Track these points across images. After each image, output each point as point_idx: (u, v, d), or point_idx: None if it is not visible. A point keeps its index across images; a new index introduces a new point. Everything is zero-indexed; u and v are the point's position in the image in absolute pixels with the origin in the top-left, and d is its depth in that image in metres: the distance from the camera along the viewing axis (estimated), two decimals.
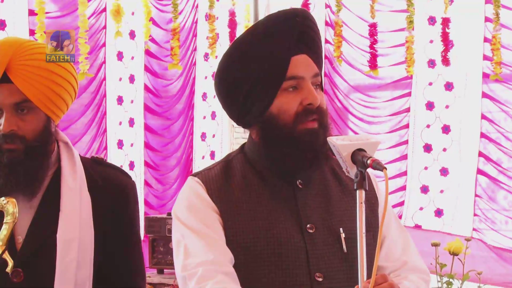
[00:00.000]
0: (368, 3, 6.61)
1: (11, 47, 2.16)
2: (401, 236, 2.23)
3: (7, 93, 2.14)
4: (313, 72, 2.09)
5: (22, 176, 2.17)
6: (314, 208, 2.10)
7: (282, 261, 2.05)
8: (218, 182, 2.15)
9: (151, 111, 6.78)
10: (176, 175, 7.06)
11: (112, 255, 2.28)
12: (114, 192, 2.31)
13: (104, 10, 6.09)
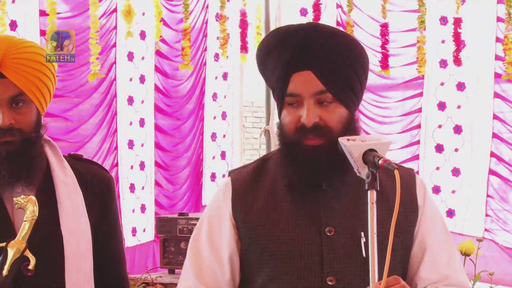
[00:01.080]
0: (380, 3, 6.60)
1: (2, 43, 2.19)
2: (446, 249, 2.17)
3: (3, 88, 2.17)
4: (315, 90, 2.05)
5: (23, 166, 2.20)
6: (337, 211, 2.09)
7: (295, 264, 2.06)
8: (246, 182, 2.18)
9: (162, 111, 6.80)
10: (186, 175, 7.08)
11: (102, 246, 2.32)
12: (101, 186, 2.37)
13: (115, 10, 6.11)
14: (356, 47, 2.15)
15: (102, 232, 2.33)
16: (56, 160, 2.30)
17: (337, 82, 2.08)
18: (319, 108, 2.05)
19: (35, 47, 2.28)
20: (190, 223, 5.35)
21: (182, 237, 5.33)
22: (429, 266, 2.13)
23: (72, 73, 5.79)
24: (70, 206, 2.25)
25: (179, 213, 5.78)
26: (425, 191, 2.21)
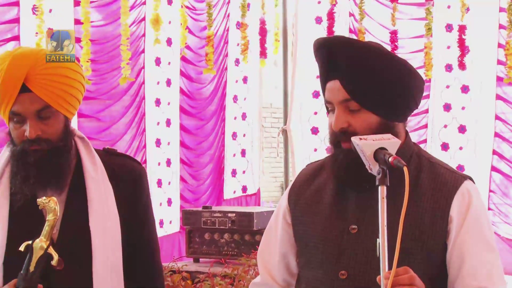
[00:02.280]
0: (389, 12, 6.62)
1: (27, 59, 2.15)
2: (489, 260, 2.05)
3: (29, 102, 2.12)
4: (341, 98, 2.04)
5: (50, 174, 2.17)
6: (366, 211, 2.05)
7: (319, 256, 2.09)
8: (307, 175, 2.25)
9: (186, 112, 6.82)
10: (209, 171, 7.10)
11: (133, 237, 2.29)
12: (131, 179, 2.33)
13: (144, 19, 6.13)
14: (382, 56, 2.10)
15: (133, 223, 2.30)
16: (87, 157, 2.27)
17: (363, 91, 2.05)
18: (349, 114, 2.04)
19: None
20: (213, 215, 5.36)
21: (206, 228, 5.34)
22: (467, 276, 2.02)
23: (105, 77, 5.82)
24: (99, 201, 2.22)
25: (203, 206, 5.79)
26: (470, 202, 2.08)
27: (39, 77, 2.12)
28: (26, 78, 2.11)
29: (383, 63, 2.09)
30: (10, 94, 2.10)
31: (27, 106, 2.13)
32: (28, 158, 2.14)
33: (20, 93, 2.11)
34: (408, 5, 6.79)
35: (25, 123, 2.14)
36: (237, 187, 7.40)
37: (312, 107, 7.09)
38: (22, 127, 2.14)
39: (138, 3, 6.05)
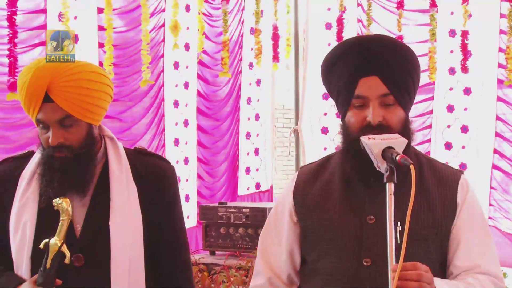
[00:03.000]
0: (396, 18, 6.62)
1: (48, 71, 2.13)
2: (481, 242, 2.13)
3: (51, 111, 2.11)
4: (380, 93, 2.04)
5: (73, 179, 2.17)
6: (380, 203, 2.02)
7: (337, 247, 2.08)
8: (309, 175, 2.23)
9: (203, 113, 6.83)
10: (224, 169, 7.11)
11: (159, 234, 2.27)
12: (156, 178, 2.30)
13: (163, 25, 6.16)
14: (413, 56, 2.16)
15: (157, 221, 2.28)
16: (114, 156, 2.27)
17: (398, 86, 2.08)
18: (383, 109, 2.05)
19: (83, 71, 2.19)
20: (228, 211, 5.36)
21: (222, 223, 5.35)
22: (462, 256, 2.10)
23: (126, 80, 5.85)
24: (121, 201, 2.21)
25: (219, 202, 5.80)
26: (467, 190, 2.16)
27: (61, 88, 2.12)
28: (49, 89, 2.11)
29: (411, 59, 2.14)
30: (35, 103, 2.12)
31: (50, 115, 2.13)
32: (53, 163, 2.16)
33: (44, 102, 2.12)
34: (413, 12, 6.81)
35: (49, 130, 2.15)
36: (251, 184, 7.42)
37: (322, 108, 7.10)
38: (47, 133, 2.15)
39: (158, 10, 6.08)
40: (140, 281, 2.21)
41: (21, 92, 2.16)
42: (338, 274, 2.07)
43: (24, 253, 2.13)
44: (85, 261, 2.15)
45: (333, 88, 2.18)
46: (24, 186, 2.21)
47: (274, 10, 7.18)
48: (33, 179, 2.23)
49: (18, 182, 2.22)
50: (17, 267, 2.15)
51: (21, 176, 2.23)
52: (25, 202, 2.18)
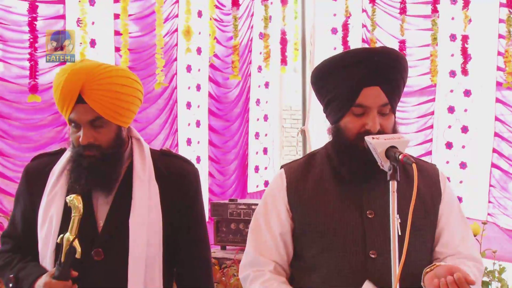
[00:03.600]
0: (399, 23, 6.63)
1: (82, 74, 2.14)
2: (461, 229, 2.19)
3: (83, 112, 2.13)
4: (381, 103, 2.06)
5: (100, 177, 2.19)
6: (377, 197, 2.08)
7: (340, 240, 2.07)
8: (298, 173, 2.20)
9: (214, 114, 6.85)
10: (234, 168, 7.12)
11: (179, 231, 2.27)
12: (178, 179, 2.30)
13: (176, 30, 6.18)
14: (406, 64, 2.18)
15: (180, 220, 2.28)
16: (139, 157, 2.27)
17: (395, 96, 2.12)
18: (380, 117, 2.07)
19: (115, 76, 2.20)
20: (238, 207, 5.39)
21: (232, 219, 5.37)
22: (445, 243, 2.15)
23: (142, 83, 5.83)
24: (142, 200, 2.21)
25: (229, 199, 5.82)
26: (445, 181, 2.23)
27: (93, 91, 2.13)
28: (82, 91, 2.12)
29: (405, 68, 2.17)
30: (68, 104, 2.14)
31: (82, 116, 2.14)
32: (82, 161, 2.17)
33: (77, 103, 2.13)
34: (415, 17, 6.79)
35: (80, 129, 2.16)
36: (260, 182, 7.42)
37: None
38: (78, 132, 2.17)
39: (171, 16, 6.10)
40: (157, 278, 2.22)
41: (55, 92, 2.18)
42: (344, 267, 2.06)
43: (49, 245, 2.15)
44: (105, 256, 2.16)
45: (325, 93, 2.17)
46: (53, 182, 2.24)
47: (282, 16, 7.18)
48: (62, 175, 2.24)
49: (48, 178, 2.24)
50: (42, 259, 2.18)
51: (51, 172, 2.25)
52: (53, 197, 2.20)
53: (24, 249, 2.24)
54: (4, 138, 5.03)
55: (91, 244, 2.14)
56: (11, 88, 5.01)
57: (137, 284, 2.15)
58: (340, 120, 2.12)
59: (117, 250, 2.17)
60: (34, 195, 2.24)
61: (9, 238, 2.32)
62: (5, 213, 4.54)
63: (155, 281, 2.21)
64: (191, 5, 6.03)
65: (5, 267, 2.23)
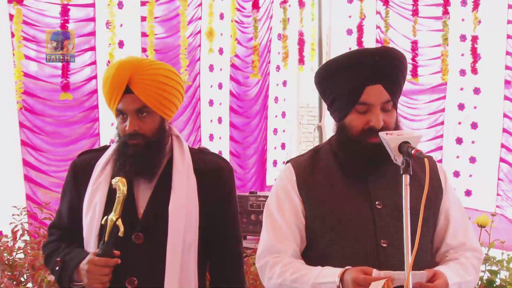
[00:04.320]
0: (411, 24, 6.63)
1: (131, 65, 2.18)
2: (463, 221, 2.20)
3: (130, 101, 2.16)
4: (384, 100, 2.06)
5: (143, 164, 2.20)
6: (384, 189, 2.09)
7: (351, 231, 2.06)
8: (306, 167, 2.19)
9: (235, 111, 6.87)
10: (253, 162, 7.14)
11: (214, 223, 2.28)
12: (214, 174, 2.31)
13: (200, 32, 6.20)
14: (406, 62, 2.18)
15: (214, 211, 2.28)
16: (178, 152, 2.29)
17: (397, 92, 2.12)
18: (383, 114, 2.07)
19: (161, 69, 2.23)
20: (258, 199, 5.39)
21: (252, 210, 5.38)
22: (451, 235, 2.16)
23: None
24: (181, 190, 2.23)
25: (249, 191, 5.82)
26: (445, 174, 2.23)
27: (140, 81, 2.16)
28: (130, 81, 2.16)
29: (405, 66, 2.16)
30: (117, 94, 2.17)
31: (129, 105, 2.17)
32: (127, 149, 2.20)
33: (124, 93, 2.17)
34: (427, 18, 6.78)
35: (126, 119, 2.19)
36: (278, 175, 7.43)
37: None
38: (124, 123, 2.20)
39: (195, 18, 6.12)
40: (192, 263, 2.23)
41: (105, 85, 2.21)
42: (357, 256, 2.05)
43: (93, 231, 2.18)
44: (145, 240, 2.18)
45: (330, 92, 2.16)
46: (98, 172, 2.27)
47: (300, 17, 7.21)
48: (107, 166, 2.27)
49: (93, 170, 2.28)
50: (86, 244, 2.21)
51: (97, 164, 2.29)
52: (98, 186, 2.24)
53: (70, 238, 2.27)
54: (38, 133, 5.08)
55: (131, 228, 2.16)
56: (44, 86, 5.06)
57: (174, 268, 2.17)
58: (345, 117, 2.12)
59: (156, 235, 2.19)
60: (80, 186, 2.27)
61: (56, 229, 2.36)
62: (39, 204, 4.59)
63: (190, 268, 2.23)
64: (213, 7, 6.06)
65: (52, 254, 2.27)
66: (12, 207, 4.35)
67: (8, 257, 3.80)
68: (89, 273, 2.10)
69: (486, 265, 3.67)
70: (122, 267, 2.12)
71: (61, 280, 2.23)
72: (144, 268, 2.18)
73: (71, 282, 2.19)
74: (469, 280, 2.09)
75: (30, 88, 4.95)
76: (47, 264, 2.34)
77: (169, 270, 2.16)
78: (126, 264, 2.13)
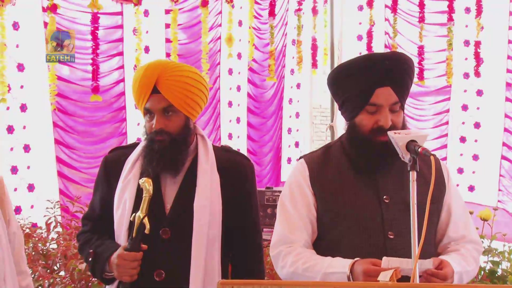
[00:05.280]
0: (418, 30, 6.63)
1: (158, 67, 2.18)
2: (464, 215, 2.20)
3: (157, 101, 2.16)
4: (392, 101, 2.06)
5: (168, 160, 2.19)
6: (391, 185, 2.09)
7: (361, 223, 2.06)
8: (318, 163, 2.18)
9: (252, 112, 6.88)
10: (269, 159, 7.15)
11: (236, 218, 2.26)
12: (236, 171, 2.30)
13: (220, 38, 6.22)
14: (413, 65, 2.17)
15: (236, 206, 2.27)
16: (203, 150, 2.28)
17: (404, 94, 2.12)
18: (391, 114, 2.07)
19: (186, 71, 2.23)
20: (274, 194, 5.39)
21: (268, 204, 5.38)
22: (452, 228, 2.15)
23: None
24: (205, 187, 2.21)
25: (266, 187, 5.83)
26: (448, 171, 2.22)
27: (166, 81, 2.16)
28: (157, 82, 2.16)
29: (413, 69, 2.16)
30: (145, 94, 2.17)
31: (156, 104, 2.17)
32: (154, 146, 2.19)
33: (152, 94, 2.17)
34: (433, 25, 6.77)
35: (153, 118, 2.19)
36: None
37: None
38: (151, 121, 2.20)
39: (215, 25, 6.13)
40: (216, 256, 2.22)
41: (134, 85, 2.22)
42: (366, 246, 2.05)
43: (123, 225, 2.18)
44: (171, 235, 2.17)
45: (342, 93, 2.16)
46: (128, 168, 2.26)
47: (313, 24, 7.21)
48: (136, 163, 2.27)
49: (123, 166, 2.28)
50: (117, 237, 2.21)
51: (127, 161, 2.28)
52: (127, 182, 2.23)
53: (101, 229, 2.28)
54: (71, 133, 5.12)
55: (159, 223, 2.16)
56: (76, 89, 5.10)
57: (199, 260, 2.17)
58: (355, 117, 2.11)
59: (182, 230, 2.18)
60: (111, 181, 2.27)
61: (89, 220, 2.36)
62: (71, 198, 4.62)
63: (214, 260, 2.22)
64: (232, 15, 6.06)
65: (85, 244, 2.28)
66: (46, 201, 4.38)
67: (42, 247, 3.83)
68: (118, 266, 2.11)
69: (488, 256, 3.66)
70: (150, 260, 2.12)
71: (94, 270, 2.25)
72: (171, 261, 2.18)
73: (103, 273, 2.20)
74: (469, 270, 2.09)
75: (63, 90, 4.99)
76: (81, 252, 2.35)
77: (194, 262, 2.16)
78: (154, 257, 2.13)
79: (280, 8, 6.82)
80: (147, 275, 2.15)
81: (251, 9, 6.32)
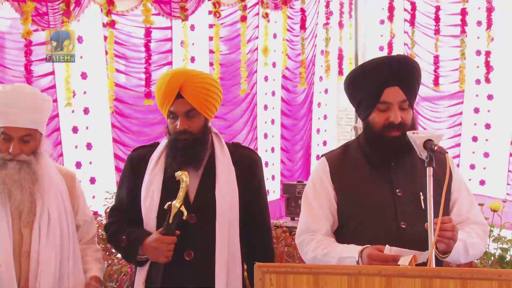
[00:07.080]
0: (433, 42, 6.59)
1: (182, 75, 2.17)
2: (468, 200, 2.15)
3: (181, 105, 2.15)
4: (401, 99, 2.03)
5: (192, 156, 2.20)
6: (403, 179, 2.05)
7: (376, 214, 2.03)
8: (337, 160, 2.16)
9: (285, 114, 6.88)
10: (300, 156, 7.16)
11: (250, 204, 2.28)
12: (248, 164, 2.30)
13: (257, 49, 6.23)
14: (419, 68, 2.14)
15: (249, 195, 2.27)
16: (219, 146, 2.29)
17: (412, 94, 2.08)
18: (401, 112, 2.04)
19: (206, 78, 2.23)
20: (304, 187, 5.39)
21: (299, 196, 5.36)
22: (457, 211, 2.10)
23: (229, 90, 5.93)
24: (224, 178, 2.23)
25: (297, 180, 5.84)
26: (453, 163, 2.18)
27: (189, 88, 2.16)
28: (181, 88, 2.16)
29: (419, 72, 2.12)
30: (169, 99, 2.17)
31: (180, 108, 2.17)
32: (177, 144, 2.18)
33: (176, 98, 2.16)
34: (447, 37, 6.72)
35: (177, 119, 2.18)
36: None
37: None
38: (175, 122, 2.19)
39: (253, 37, 6.14)
40: (236, 237, 2.24)
41: (159, 91, 2.21)
42: (381, 235, 2.00)
43: (151, 214, 2.19)
44: (197, 220, 2.18)
45: (357, 94, 2.11)
46: (153, 164, 2.27)
47: (339, 36, 7.19)
48: (160, 159, 2.25)
49: (148, 163, 2.29)
50: (146, 225, 2.21)
51: (151, 158, 2.29)
52: (154, 176, 2.23)
53: (128, 219, 2.29)
54: (126, 132, 5.19)
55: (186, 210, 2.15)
56: (131, 94, 5.17)
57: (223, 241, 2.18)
58: (369, 116, 2.06)
59: (206, 215, 2.18)
60: (137, 177, 2.26)
61: (116, 211, 2.36)
62: None
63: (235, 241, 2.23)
64: (268, 29, 6.08)
65: (116, 233, 2.27)
66: (105, 192, 4.44)
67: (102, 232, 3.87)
68: (156, 249, 2.11)
69: (498, 244, 3.60)
70: (180, 243, 2.13)
71: (127, 254, 2.26)
72: (199, 242, 2.19)
73: (136, 256, 2.20)
74: (473, 242, 2.03)
75: (120, 95, 5.07)
76: (111, 240, 2.34)
77: (219, 243, 2.17)
78: (184, 240, 2.14)
79: (310, 22, 6.80)
80: (178, 255, 2.15)
81: (285, 24, 6.31)
